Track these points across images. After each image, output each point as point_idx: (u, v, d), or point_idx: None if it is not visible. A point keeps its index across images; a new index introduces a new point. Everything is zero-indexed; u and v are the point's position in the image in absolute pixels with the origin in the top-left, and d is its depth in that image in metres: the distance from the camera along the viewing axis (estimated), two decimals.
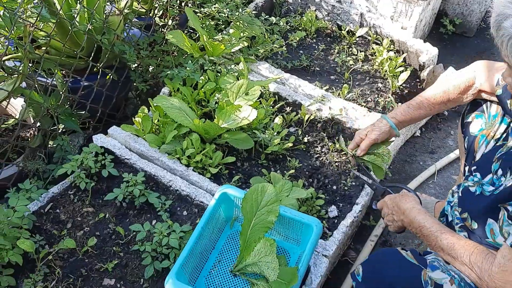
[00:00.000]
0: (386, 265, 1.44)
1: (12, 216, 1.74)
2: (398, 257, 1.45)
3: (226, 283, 1.82)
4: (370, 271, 1.47)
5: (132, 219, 2.00)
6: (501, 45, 1.27)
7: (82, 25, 2.22)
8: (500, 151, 1.56)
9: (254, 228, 1.79)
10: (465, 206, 1.57)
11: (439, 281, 1.36)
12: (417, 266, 1.40)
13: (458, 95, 1.83)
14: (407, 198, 1.67)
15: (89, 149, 2.11)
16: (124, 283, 1.80)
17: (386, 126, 1.93)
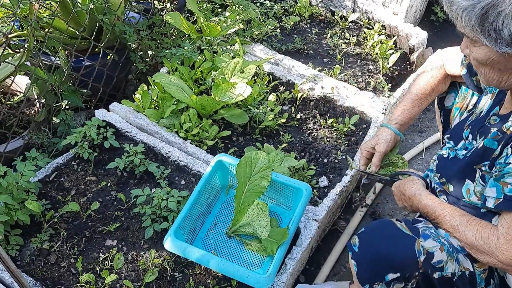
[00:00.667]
0: (382, 236, 1.51)
1: (20, 179, 1.85)
2: (393, 228, 1.52)
3: (222, 244, 1.93)
4: (366, 242, 1.52)
5: (133, 187, 2.11)
6: (456, 19, 1.30)
7: (84, 5, 2.32)
8: (470, 119, 1.67)
9: (248, 193, 1.90)
10: (442, 172, 1.66)
11: (431, 249, 1.44)
12: (411, 237, 1.48)
13: (438, 84, 1.88)
14: (410, 184, 1.72)
15: (92, 122, 2.22)
16: (125, 243, 1.91)
17: (391, 135, 1.89)
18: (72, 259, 1.85)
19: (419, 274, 1.44)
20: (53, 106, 2.37)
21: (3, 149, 2.19)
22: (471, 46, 1.35)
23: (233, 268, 1.70)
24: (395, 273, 1.44)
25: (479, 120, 1.59)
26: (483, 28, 1.25)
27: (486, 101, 1.64)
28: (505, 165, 1.32)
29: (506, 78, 1.36)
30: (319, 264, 2.19)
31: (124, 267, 1.83)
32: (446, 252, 1.46)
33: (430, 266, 1.44)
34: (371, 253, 1.49)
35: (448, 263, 1.45)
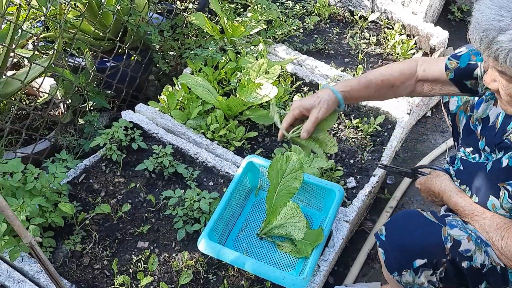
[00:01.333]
0: (408, 223, 1.52)
1: (53, 181, 1.84)
2: (419, 216, 1.53)
3: (253, 246, 1.92)
4: (392, 230, 1.54)
5: (161, 189, 2.10)
6: (495, 59, 1.24)
7: (111, 6, 2.32)
8: (476, 126, 1.65)
9: (280, 194, 1.89)
10: (462, 179, 1.64)
11: (457, 237, 1.44)
12: (437, 224, 1.48)
13: (401, 82, 1.72)
14: (438, 180, 1.70)
15: (119, 123, 2.21)
16: (157, 245, 1.91)
17: (333, 101, 1.63)
18: (105, 261, 1.84)
19: (446, 261, 1.43)
20: (79, 107, 2.36)
21: (31, 150, 2.19)
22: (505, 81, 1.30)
23: (269, 270, 1.69)
24: (422, 258, 1.44)
25: (495, 133, 1.55)
26: None
27: (490, 109, 1.60)
28: None
29: None
30: (347, 265, 2.19)
31: (157, 269, 1.82)
32: (474, 243, 1.45)
33: (458, 254, 1.43)
34: (397, 240, 1.50)
35: (476, 253, 1.44)
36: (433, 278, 1.47)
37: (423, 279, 1.47)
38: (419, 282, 1.47)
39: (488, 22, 1.20)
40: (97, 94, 2.39)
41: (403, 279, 1.49)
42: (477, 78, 1.60)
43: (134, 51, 2.55)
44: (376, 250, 2.21)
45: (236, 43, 2.62)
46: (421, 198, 2.49)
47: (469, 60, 1.60)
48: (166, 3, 2.87)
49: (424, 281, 1.47)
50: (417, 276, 1.46)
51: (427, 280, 1.47)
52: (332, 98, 1.62)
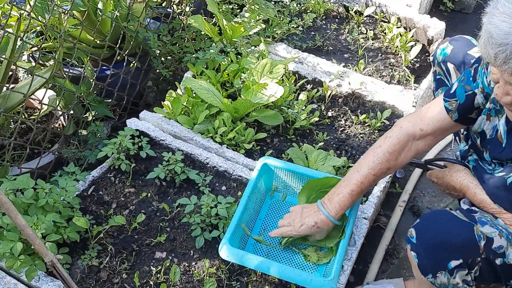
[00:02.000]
0: (439, 223, 1.48)
1: (64, 196, 1.79)
2: (449, 215, 1.49)
3: (273, 249, 1.89)
4: (423, 231, 1.49)
5: (174, 196, 2.06)
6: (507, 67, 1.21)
7: (110, 12, 2.27)
8: (474, 138, 1.64)
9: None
10: (479, 178, 1.62)
11: (490, 234, 1.42)
12: (468, 222, 1.45)
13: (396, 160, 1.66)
14: (458, 175, 1.67)
15: (125, 132, 2.16)
16: (175, 255, 1.86)
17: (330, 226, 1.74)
18: (123, 274, 1.79)
19: (481, 260, 1.41)
20: (82, 117, 2.30)
21: (36, 165, 2.13)
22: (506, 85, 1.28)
23: (295, 273, 1.66)
24: (457, 259, 1.41)
25: (502, 149, 1.52)
26: None
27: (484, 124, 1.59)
28: None
29: None
30: (366, 262, 2.16)
31: (178, 279, 1.78)
32: (506, 239, 1.43)
33: (492, 251, 1.41)
34: (430, 241, 1.45)
35: (508, 249, 1.42)
36: (468, 277, 1.44)
37: (458, 279, 1.43)
38: (454, 282, 1.44)
39: (503, 37, 1.18)
40: (99, 104, 2.34)
41: (438, 281, 1.46)
42: (479, 106, 1.58)
43: (133, 58, 2.49)
44: (394, 245, 2.21)
45: (237, 44, 2.58)
46: (432, 190, 2.48)
47: (466, 92, 1.57)
48: (162, 8, 2.82)
49: (459, 281, 1.44)
50: (452, 277, 1.43)
51: (462, 280, 1.44)
52: (330, 225, 1.73)
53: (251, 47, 2.66)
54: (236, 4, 2.91)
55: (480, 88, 1.55)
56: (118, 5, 2.25)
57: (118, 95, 2.48)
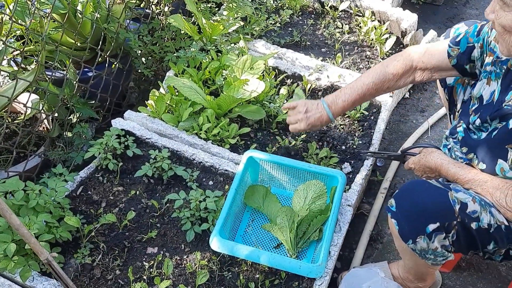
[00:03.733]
0: (416, 191, 1.55)
1: (55, 196, 1.81)
2: (426, 183, 1.56)
3: (262, 239, 1.94)
4: (402, 199, 1.57)
5: (162, 193, 2.10)
6: None
7: (90, 14, 2.29)
8: (472, 104, 1.71)
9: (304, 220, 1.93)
10: (469, 147, 1.70)
11: (463, 200, 1.50)
12: (443, 189, 1.53)
13: (396, 81, 1.88)
14: (432, 156, 1.76)
15: (111, 132, 2.19)
16: (166, 249, 1.90)
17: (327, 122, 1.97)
18: (117, 270, 1.83)
19: (457, 224, 1.48)
20: (66, 120, 2.32)
21: (23, 168, 2.14)
22: (501, 10, 1.35)
23: (285, 261, 1.72)
24: (434, 223, 1.47)
25: (490, 105, 1.61)
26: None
27: (484, 88, 1.66)
28: None
29: None
30: (351, 248, 2.23)
31: (171, 273, 1.82)
32: (479, 204, 1.50)
33: (467, 215, 1.48)
34: (408, 208, 1.53)
35: (482, 213, 1.49)
36: (446, 241, 1.51)
37: (437, 244, 1.50)
38: (433, 247, 1.51)
39: None
40: (83, 105, 2.36)
41: (418, 246, 1.53)
42: (474, 60, 1.68)
43: (114, 59, 2.52)
44: (378, 231, 2.28)
45: (217, 42, 2.63)
46: (412, 177, 2.56)
47: (468, 43, 1.68)
48: (141, 8, 2.85)
49: (437, 245, 1.51)
50: (431, 241, 1.50)
51: (441, 245, 1.51)
52: (328, 121, 1.96)
53: (231, 45, 2.70)
54: (214, 3, 2.95)
55: (479, 44, 1.66)
56: (98, 7, 2.27)
57: (101, 96, 2.50)
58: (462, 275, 2.13)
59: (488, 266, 2.16)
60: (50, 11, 2.00)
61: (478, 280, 2.12)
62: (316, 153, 2.26)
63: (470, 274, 2.14)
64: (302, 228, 1.90)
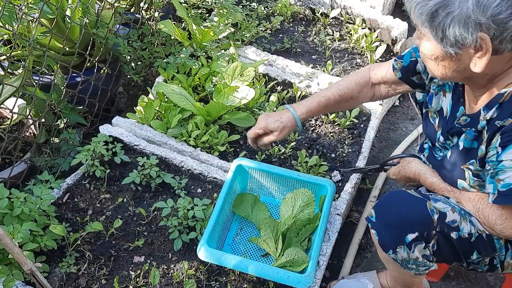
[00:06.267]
0: (395, 201, 1.56)
1: (40, 204, 1.78)
2: (404, 194, 1.58)
3: (250, 249, 1.93)
4: (381, 210, 1.58)
5: (150, 200, 2.07)
6: (410, 11, 1.30)
7: (79, 19, 2.27)
8: (435, 120, 1.72)
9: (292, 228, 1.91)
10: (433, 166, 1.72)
11: (443, 209, 1.50)
12: (422, 199, 1.54)
13: (358, 91, 1.87)
14: (410, 166, 1.77)
15: (98, 138, 2.16)
16: (153, 258, 1.88)
17: (294, 127, 1.86)
18: (103, 280, 1.80)
19: (436, 233, 1.48)
20: (53, 125, 2.29)
21: (8, 174, 2.11)
22: (421, 39, 1.38)
23: (273, 271, 1.70)
24: (413, 232, 1.48)
25: (446, 121, 1.63)
26: (432, 25, 1.27)
27: (442, 100, 1.68)
28: (498, 162, 1.35)
29: (449, 75, 1.39)
30: (340, 257, 2.22)
31: (157, 282, 1.80)
32: (458, 214, 1.50)
33: (446, 225, 1.48)
34: (387, 218, 1.54)
35: (462, 223, 1.49)
36: (427, 251, 1.50)
37: (417, 254, 1.50)
38: (413, 257, 1.51)
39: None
40: (71, 111, 2.33)
41: (399, 256, 1.53)
42: (420, 72, 1.70)
43: (103, 64, 2.49)
44: (367, 240, 2.27)
45: (208, 48, 2.61)
46: (401, 185, 2.56)
47: (411, 58, 1.70)
48: (131, 14, 2.83)
49: (418, 255, 1.51)
50: (411, 251, 1.50)
51: (422, 255, 1.51)
52: (293, 125, 1.85)
53: (221, 51, 2.69)
54: (205, 9, 2.94)
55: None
56: (87, 12, 2.25)
57: (89, 102, 2.47)
58: (451, 284, 2.13)
59: (477, 276, 2.16)
60: (38, 16, 1.97)
61: None
62: (306, 161, 2.25)
63: (459, 283, 2.13)
64: (291, 237, 1.89)
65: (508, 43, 1.24)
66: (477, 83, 1.42)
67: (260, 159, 2.27)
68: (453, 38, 1.25)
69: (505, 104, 1.34)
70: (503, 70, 1.35)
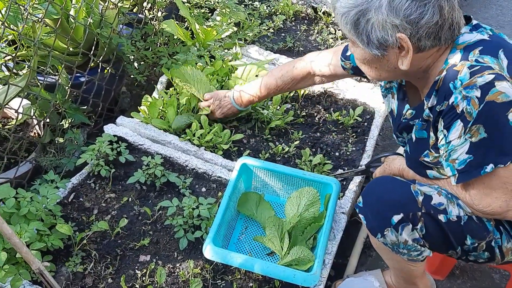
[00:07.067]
0: (380, 186, 1.60)
1: (46, 204, 1.79)
2: (389, 179, 1.62)
3: (255, 247, 1.93)
4: (367, 195, 1.61)
5: (155, 200, 2.08)
6: (338, 22, 1.43)
7: (83, 19, 2.27)
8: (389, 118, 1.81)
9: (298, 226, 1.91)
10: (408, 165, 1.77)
11: (428, 192, 1.52)
12: (406, 182, 1.58)
13: (296, 84, 2.18)
14: (394, 163, 1.85)
15: (103, 138, 2.17)
16: (159, 257, 1.89)
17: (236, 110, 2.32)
18: (109, 279, 1.81)
19: (422, 215, 1.49)
20: (58, 125, 2.30)
21: (13, 174, 2.11)
22: (353, 46, 1.49)
23: (279, 270, 1.70)
24: (398, 213, 1.49)
25: (396, 120, 1.71)
26: (357, 32, 1.39)
27: (391, 102, 1.74)
28: (447, 144, 1.41)
29: (384, 75, 1.51)
30: (345, 256, 2.23)
31: (164, 281, 1.80)
32: (445, 197, 1.51)
33: (432, 207, 1.49)
34: (372, 202, 1.58)
35: (449, 206, 1.50)
36: (415, 234, 1.51)
37: (406, 236, 1.51)
38: (402, 240, 1.52)
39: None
40: (75, 111, 2.34)
41: (388, 240, 1.54)
42: None
43: (107, 64, 2.50)
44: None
45: (211, 47, 2.62)
46: None
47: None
48: (134, 14, 2.84)
49: (407, 238, 1.51)
50: (398, 234, 1.51)
51: (411, 238, 1.52)
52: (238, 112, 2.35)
53: (224, 50, 2.70)
54: (207, 8, 2.95)
55: None
56: (91, 12, 2.26)
57: (93, 102, 2.48)
58: (456, 283, 2.14)
59: (482, 274, 2.16)
60: (43, 16, 1.98)
61: (472, 287, 2.12)
62: (310, 160, 2.25)
63: (464, 281, 2.14)
64: (296, 235, 1.89)
65: (427, 40, 1.36)
66: (415, 77, 1.52)
67: (263, 158, 2.27)
68: (377, 41, 1.37)
69: (440, 89, 1.42)
70: (434, 61, 1.45)
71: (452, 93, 1.36)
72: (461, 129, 1.36)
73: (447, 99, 1.38)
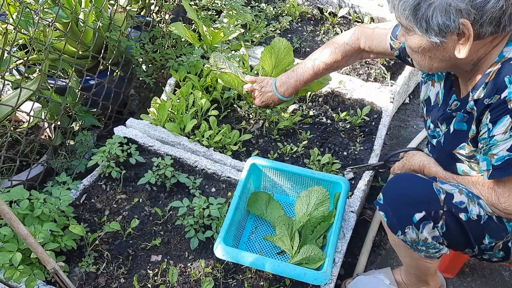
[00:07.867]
0: (402, 183, 1.59)
1: (59, 205, 1.81)
2: (410, 176, 1.61)
3: (265, 246, 1.95)
4: (388, 192, 1.60)
5: (165, 200, 2.10)
6: (393, 9, 1.39)
7: (92, 23, 2.30)
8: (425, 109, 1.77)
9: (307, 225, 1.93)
10: (432, 153, 1.76)
11: (449, 191, 1.52)
12: (428, 180, 1.57)
13: (345, 61, 2.02)
14: (414, 158, 1.82)
15: (113, 140, 2.19)
16: (170, 257, 1.91)
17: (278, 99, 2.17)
18: (121, 279, 1.83)
19: (444, 213, 1.49)
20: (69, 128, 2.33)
21: (26, 177, 2.14)
22: (406, 34, 1.45)
23: (289, 268, 1.72)
24: (420, 211, 1.49)
25: (438, 109, 1.67)
26: (416, 18, 1.34)
27: (430, 90, 1.72)
28: (490, 138, 1.39)
29: (436, 65, 1.47)
30: (354, 255, 2.24)
31: (175, 281, 1.82)
32: (466, 196, 1.52)
33: (453, 206, 1.49)
34: (394, 199, 1.56)
35: (470, 205, 1.50)
36: (436, 232, 1.51)
37: (426, 234, 1.51)
38: (422, 237, 1.52)
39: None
40: (85, 113, 2.37)
41: (408, 237, 1.54)
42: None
43: (116, 67, 2.53)
44: (381, 237, 2.29)
45: (218, 49, 2.64)
46: None
47: None
48: (142, 17, 2.86)
49: (427, 236, 1.51)
50: (419, 232, 1.51)
51: (431, 236, 1.52)
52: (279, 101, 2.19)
53: (232, 52, 2.72)
54: (214, 10, 2.97)
55: None
56: (100, 16, 2.28)
57: (103, 104, 2.51)
58: (466, 281, 2.14)
59: (492, 272, 2.17)
60: (53, 20, 2.01)
61: (481, 285, 2.13)
62: (318, 160, 2.27)
63: (474, 279, 2.14)
64: (306, 234, 1.91)
65: (488, 26, 1.31)
66: (463, 69, 1.49)
67: (272, 158, 2.29)
68: (437, 27, 1.32)
69: (491, 82, 1.39)
70: (485, 53, 1.41)
71: (506, 88, 1.33)
72: (508, 125, 1.34)
73: (499, 93, 1.34)
